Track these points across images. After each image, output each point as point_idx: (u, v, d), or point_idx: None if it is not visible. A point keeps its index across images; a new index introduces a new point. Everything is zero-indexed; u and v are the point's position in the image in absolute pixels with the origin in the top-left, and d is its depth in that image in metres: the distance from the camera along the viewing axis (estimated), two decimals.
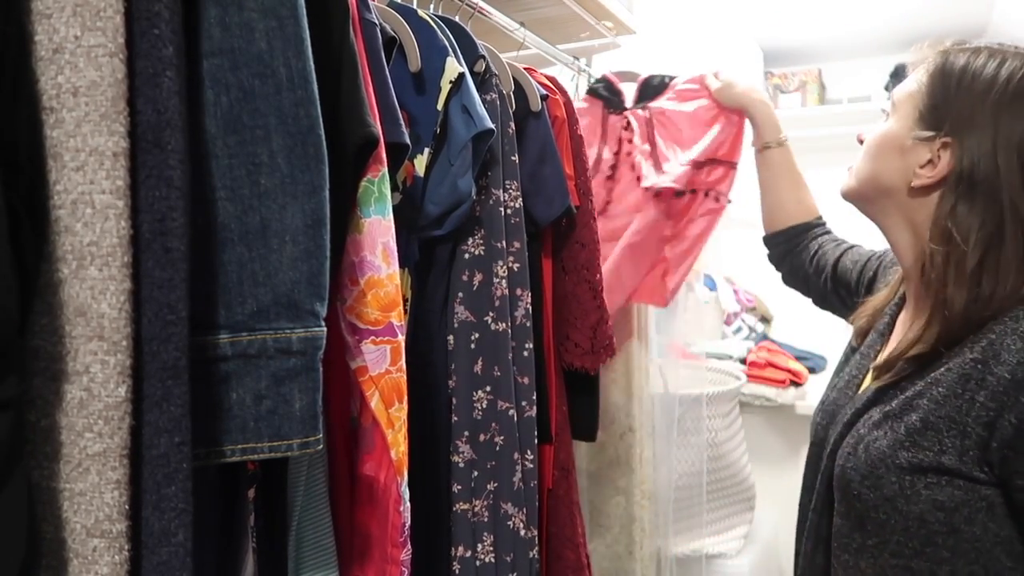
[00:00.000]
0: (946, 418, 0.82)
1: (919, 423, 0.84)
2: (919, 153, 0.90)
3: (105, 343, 0.55)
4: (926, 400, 0.84)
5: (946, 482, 0.82)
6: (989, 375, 0.80)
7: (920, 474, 0.83)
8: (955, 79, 0.89)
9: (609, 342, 1.30)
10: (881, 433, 0.87)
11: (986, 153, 0.85)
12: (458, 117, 0.99)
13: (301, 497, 0.79)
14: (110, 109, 0.55)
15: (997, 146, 0.84)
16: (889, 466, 0.85)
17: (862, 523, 0.88)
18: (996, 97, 0.86)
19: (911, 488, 0.83)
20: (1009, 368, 0.79)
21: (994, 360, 0.80)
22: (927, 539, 0.83)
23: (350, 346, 0.79)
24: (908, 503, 0.83)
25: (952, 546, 0.82)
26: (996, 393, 0.79)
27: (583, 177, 1.30)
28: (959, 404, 0.82)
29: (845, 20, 3.11)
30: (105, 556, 0.55)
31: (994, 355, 0.81)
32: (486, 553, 1.06)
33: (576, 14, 1.52)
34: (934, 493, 0.82)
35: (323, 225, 0.67)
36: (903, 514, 0.84)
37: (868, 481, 0.87)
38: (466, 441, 1.05)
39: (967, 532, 0.82)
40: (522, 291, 1.13)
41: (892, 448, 0.85)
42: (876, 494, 0.86)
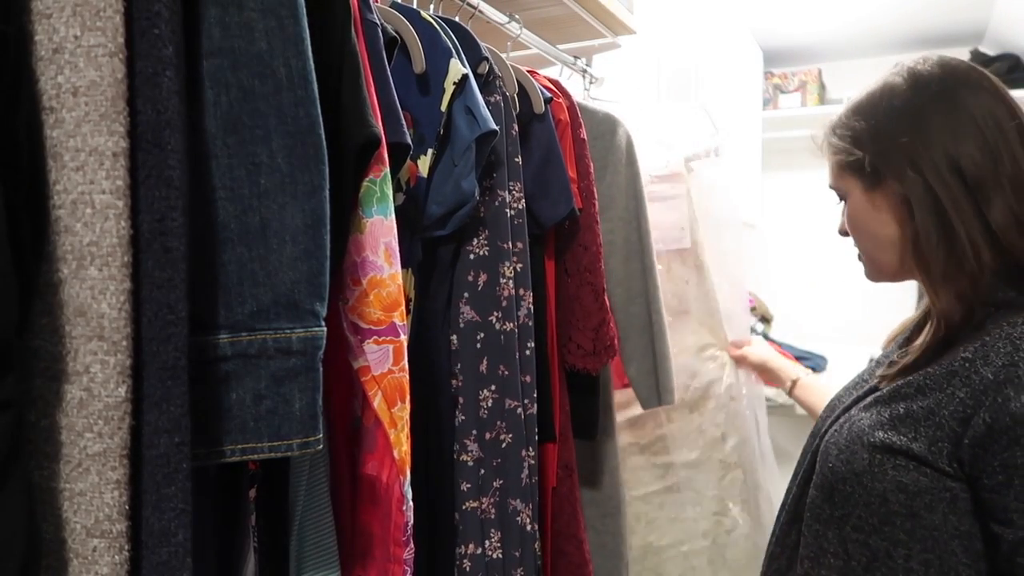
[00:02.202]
0: (926, 408, 0.84)
1: (902, 410, 0.87)
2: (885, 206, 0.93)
3: (105, 343, 0.55)
4: (913, 390, 0.87)
5: (913, 467, 0.84)
6: (974, 374, 0.82)
7: (890, 454, 0.85)
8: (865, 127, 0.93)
9: (611, 343, 1.30)
10: (867, 414, 0.90)
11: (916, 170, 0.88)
12: (462, 118, 1.00)
13: (303, 497, 0.78)
14: (110, 109, 0.55)
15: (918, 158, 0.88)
16: (864, 443, 0.88)
17: (832, 495, 0.91)
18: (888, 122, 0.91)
19: (879, 466, 0.86)
20: (993, 369, 0.81)
21: (982, 360, 0.82)
22: (886, 518, 0.86)
23: (352, 346, 0.79)
24: (873, 480, 0.86)
25: (909, 530, 0.85)
26: (976, 391, 0.81)
27: (586, 180, 1.30)
28: (940, 398, 0.84)
29: (845, 20, 3.11)
30: (105, 556, 0.55)
31: (983, 356, 0.82)
32: (494, 549, 1.06)
33: (576, 14, 1.52)
34: (899, 475, 0.85)
35: (323, 225, 0.67)
36: (867, 490, 0.87)
37: (843, 455, 0.90)
38: (473, 440, 1.05)
39: (926, 519, 0.84)
40: (524, 291, 1.14)
41: (871, 428, 0.88)
42: (847, 467, 0.89)
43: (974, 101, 0.88)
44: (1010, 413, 0.78)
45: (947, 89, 0.89)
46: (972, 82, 0.90)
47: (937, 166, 0.87)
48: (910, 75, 0.92)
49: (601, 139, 1.43)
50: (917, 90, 0.90)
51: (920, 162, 0.88)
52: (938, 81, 0.90)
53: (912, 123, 0.89)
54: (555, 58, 1.54)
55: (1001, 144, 0.86)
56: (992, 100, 0.89)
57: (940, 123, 0.88)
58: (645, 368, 1.48)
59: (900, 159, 0.89)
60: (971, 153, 0.86)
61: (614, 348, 1.31)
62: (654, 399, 1.49)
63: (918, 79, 0.91)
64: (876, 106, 0.93)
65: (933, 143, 0.87)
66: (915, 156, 0.88)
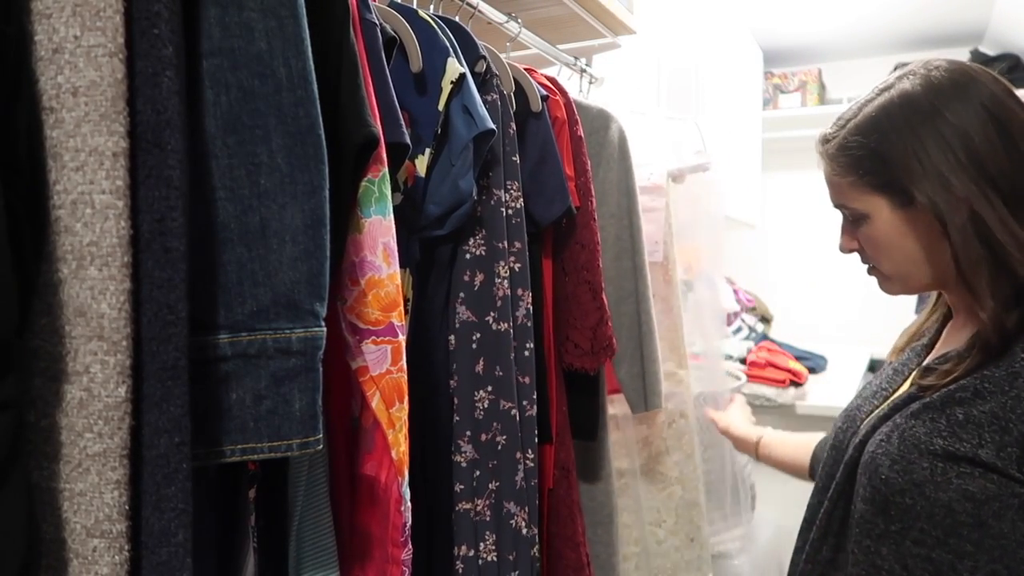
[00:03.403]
0: (989, 413, 0.81)
1: (961, 416, 0.83)
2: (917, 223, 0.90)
3: (105, 343, 0.55)
4: (971, 394, 0.83)
5: (979, 474, 0.80)
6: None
7: (953, 462, 0.82)
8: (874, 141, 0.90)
9: (608, 343, 1.30)
10: (919, 422, 0.86)
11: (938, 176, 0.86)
12: (459, 117, 0.99)
13: (302, 497, 0.78)
14: (110, 109, 0.55)
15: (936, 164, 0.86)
16: (922, 451, 0.84)
17: (886, 508, 0.86)
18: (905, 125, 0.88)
19: (942, 475, 0.82)
20: None
21: None
22: (951, 529, 0.82)
23: (351, 346, 0.79)
24: (937, 490, 0.82)
25: (977, 540, 0.81)
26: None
27: (583, 178, 1.30)
28: (1004, 400, 0.81)
29: (845, 20, 3.11)
30: (105, 556, 0.55)
31: None
32: (488, 552, 1.06)
33: (576, 14, 1.52)
34: (965, 483, 0.81)
35: (323, 225, 0.67)
36: (930, 500, 0.83)
37: (898, 466, 0.85)
38: (468, 440, 1.05)
39: (994, 528, 0.80)
40: (523, 291, 1.13)
41: (928, 435, 0.84)
42: (905, 478, 0.84)
43: (989, 96, 0.86)
44: None
45: (962, 90, 0.87)
46: (983, 79, 0.88)
47: (966, 172, 0.84)
48: (924, 81, 0.89)
49: (595, 135, 1.43)
50: (933, 96, 0.87)
51: (947, 172, 0.85)
52: (953, 84, 0.88)
53: (934, 133, 0.86)
54: (555, 58, 1.54)
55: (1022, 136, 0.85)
56: (1004, 94, 0.88)
57: (962, 127, 0.85)
58: (634, 371, 1.47)
59: (926, 172, 0.86)
60: (996, 151, 0.84)
61: (612, 347, 1.31)
62: (642, 403, 1.48)
63: (933, 85, 0.88)
64: (894, 119, 0.89)
65: (958, 149, 0.85)
66: (941, 166, 0.85)
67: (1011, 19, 2.97)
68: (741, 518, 2.16)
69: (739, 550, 2.12)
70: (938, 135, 0.86)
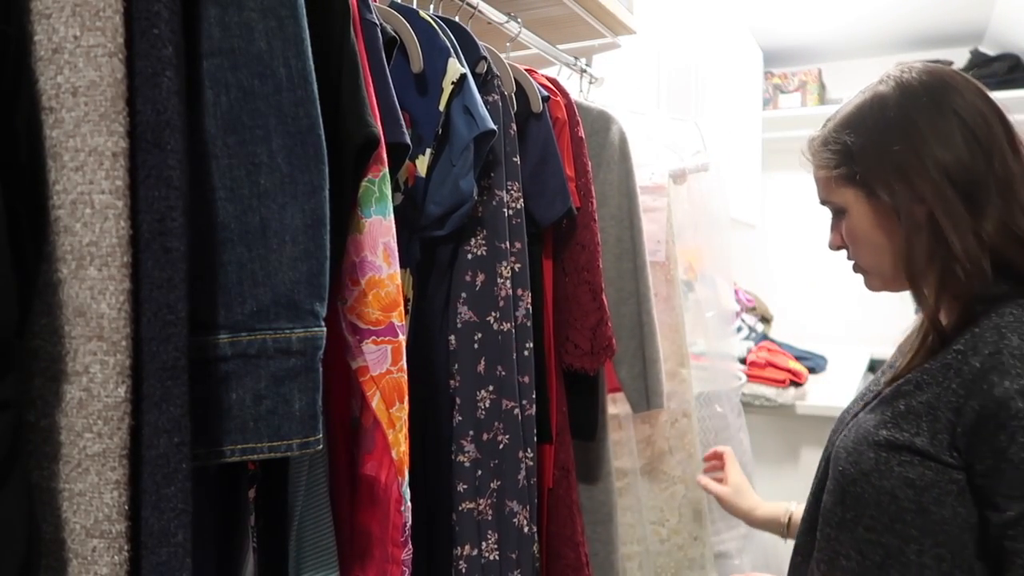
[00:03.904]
0: (925, 403, 0.86)
1: (903, 407, 0.88)
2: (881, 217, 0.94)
3: (104, 343, 0.55)
4: (913, 386, 0.89)
5: (918, 462, 0.85)
6: (964, 364, 0.84)
7: (895, 451, 0.87)
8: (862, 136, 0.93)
9: (608, 343, 1.30)
10: (872, 415, 0.92)
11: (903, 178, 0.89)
12: (460, 118, 0.99)
13: (302, 497, 0.78)
14: (109, 109, 0.55)
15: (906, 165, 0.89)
16: (870, 442, 0.89)
17: (843, 497, 0.92)
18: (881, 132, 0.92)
19: (886, 464, 0.87)
20: (981, 358, 0.83)
21: (972, 351, 0.84)
22: (897, 515, 0.87)
23: (351, 346, 0.79)
24: (882, 478, 0.87)
25: (920, 525, 0.86)
26: (966, 381, 0.83)
27: (583, 178, 1.30)
28: (937, 391, 0.86)
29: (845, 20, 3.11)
30: (105, 556, 0.55)
31: (973, 347, 0.85)
32: (491, 551, 1.06)
33: (576, 14, 1.52)
34: (906, 471, 0.86)
35: (323, 225, 0.67)
36: (876, 488, 0.88)
37: (851, 457, 0.91)
38: (470, 440, 1.05)
39: (936, 514, 0.85)
40: (523, 291, 1.13)
41: (876, 427, 0.90)
42: (856, 468, 0.90)
43: (963, 104, 0.89)
44: (995, 399, 0.80)
45: (935, 95, 0.90)
46: (959, 86, 0.91)
47: (929, 175, 0.87)
48: (897, 85, 0.92)
49: (595, 136, 1.43)
50: (907, 100, 0.91)
51: (910, 172, 0.89)
52: (926, 88, 0.91)
53: (902, 133, 0.90)
54: (555, 58, 1.54)
55: (993, 145, 0.87)
56: (980, 101, 0.90)
57: (930, 130, 0.88)
58: (636, 371, 1.47)
59: (892, 170, 0.90)
60: (962, 158, 0.87)
61: (612, 348, 1.31)
62: (643, 403, 1.48)
63: (905, 88, 0.92)
64: (866, 118, 0.93)
65: (924, 152, 0.88)
66: (906, 166, 0.89)
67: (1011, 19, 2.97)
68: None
69: (739, 550, 2.12)
70: (905, 136, 0.89)
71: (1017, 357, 0.81)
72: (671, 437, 1.76)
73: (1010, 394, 0.79)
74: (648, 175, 1.70)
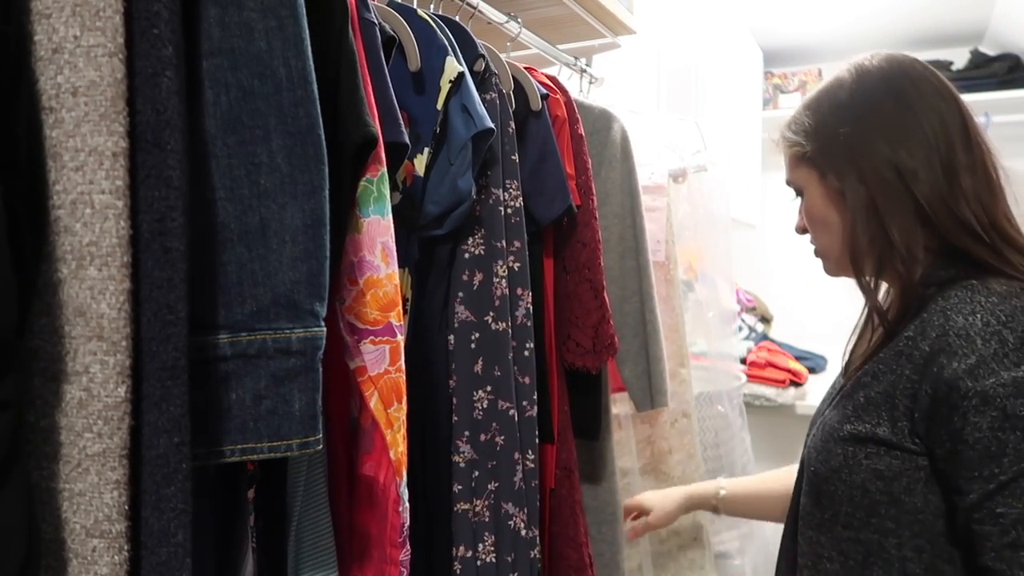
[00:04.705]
0: (883, 393, 0.86)
1: (863, 399, 0.88)
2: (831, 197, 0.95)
3: (104, 343, 0.55)
4: (870, 377, 0.89)
5: (884, 452, 0.85)
6: (915, 350, 0.84)
7: (860, 444, 0.87)
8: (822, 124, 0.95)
9: (610, 341, 1.29)
10: (835, 412, 0.92)
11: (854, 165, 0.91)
12: (458, 117, 0.99)
13: (301, 497, 0.78)
14: (109, 109, 0.55)
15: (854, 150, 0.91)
16: (836, 439, 0.89)
17: (819, 497, 0.91)
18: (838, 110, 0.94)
19: (853, 458, 0.87)
20: (929, 341, 0.83)
21: (920, 336, 0.85)
22: (871, 509, 0.86)
23: (349, 346, 0.79)
24: (851, 473, 0.87)
25: (895, 516, 0.85)
26: (918, 366, 0.83)
27: (584, 176, 1.30)
28: (892, 379, 0.86)
29: (845, 20, 3.11)
30: (104, 556, 0.55)
31: (921, 332, 0.85)
32: (487, 553, 1.06)
33: (576, 14, 1.51)
34: (873, 462, 0.86)
35: (322, 225, 0.67)
36: (848, 484, 0.87)
37: (821, 456, 0.91)
38: (467, 441, 1.05)
39: (908, 503, 0.84)
40: (523, 291, 1.13)
41: (839, 422, 0.90)
42: (826, 467, 0.90)
43: (915, 92, 0.90)
44: (945, 381, 0.80)
45: (890, 83, 0.91)
46: (916, 76, 0.91)
47: (873, 159, 0.89)
48: (856, 70, 0.94)
49: (597, 135, 1.43)
50: (861, 84, 0.92)
51: (856, 155, 0.90)
52: (881, 75, 0.92)
53: (853, 117, 0.91)
54: (555, 58, 1.54)
55: (941, 134, 0.88)
56: (935, 94, 0.90)
57: (880, 117, 0.90)
58: (640, 370, 1.47)
59: (840, 152, 0.92)
60: (907, 145, 0.88)
61: (614, 346, 1.30)
62: (647, 402, 1.48)
63: (863, 74, 0.93)
64: (823, 101, 0.95)
65: (870, 136, 0.89)
66: (853, 149, 0.90)
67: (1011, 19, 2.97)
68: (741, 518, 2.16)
69: (739, 550, 2.12)
70: (854, 119, 0.91)
71: (962, 337, 0.80)
72: (671, 437, 1.77)
73: (958, 375, 0.79)
74: (648, 175, 1.70)
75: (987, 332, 0.80)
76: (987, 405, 0.78)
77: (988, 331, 0.80)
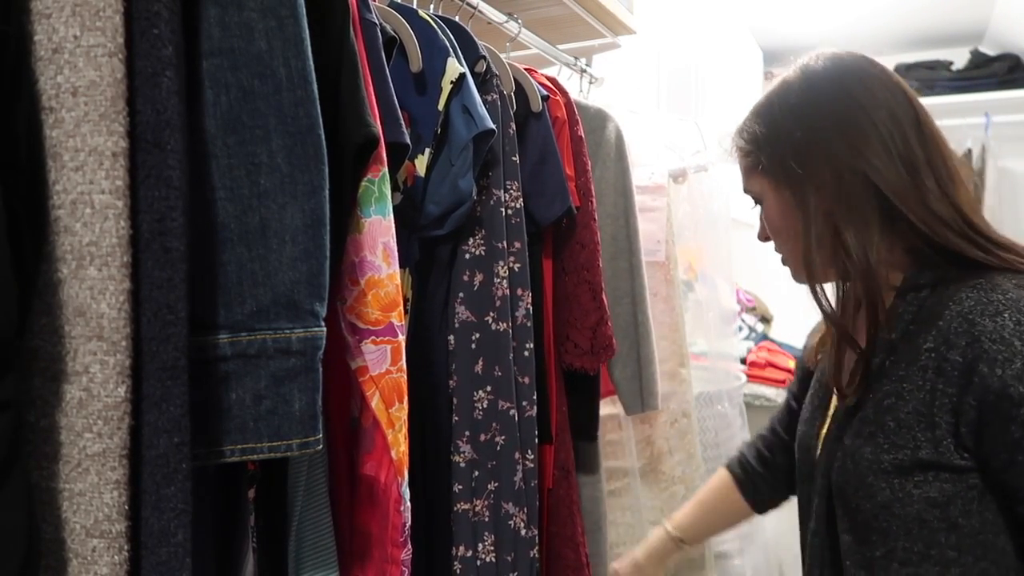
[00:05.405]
0: (914, 413, 0.81)
1: (893, 423, 0.83)
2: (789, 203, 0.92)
3: (104, 343, 0.55)
4: (894, 399, 0.83)
5: (932, 477, 0.80)
6: (944, 362, 0.79)
7: (906, 474, 0.81)
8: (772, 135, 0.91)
9: (608, 342, 1.29)
10: (862, 441, 0.86)
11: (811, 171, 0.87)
12: (459, 117, 0.99)
13: (301, 497, 0.78)
14: (109, 109, 0.55)
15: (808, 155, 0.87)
16: (876, 472, 0.83)
17: (867, 536, 0.85)
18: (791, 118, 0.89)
19: (902, 490, 0.81)
20: (960, 351, 0.78)
21: (946, 347, 0.80)
22: (930, 540, 0.81)
23: (350, 346, 0.79)
24: (903, 506, 0.82)
25: (955, 544, 0.80)
26: (953, 378, 0.79)
27: (583, 177, 1.30)
28: (923, 396, 0.81)
29: (845, 20, 3.11)
30: (104, 556, 0.55)
31: (945, 342, 0.80)
32: (487, 553, 1.06)
33: (576, 14, 1.52)
34: (924, 491, 0.81)
35: (323, 225, 0.67)
36: (901, 518, 0.82)
37: (862, 491, 0.85)
38: (467, 441, 1.05)
39: (966, 526, 0.80)
40: (523, 291, 1.13)
41: (875, 454, 0.84)
42: (872, 503, 0.84)
43: (863, 90, 0.86)
44: (992, 390, 0.76)
45: (839, 82, 0.88)
46: (863, 74, 0.88)
47: (831, 163, 0.85)
48: (803, 71, 0.90)
49: (592, 134, 1.43)
50: (809, 86, 0.89)
51: (808, 160, 0.86)
52: (828, 75, 0.88)
53: (805, 120, 0.87)
54: (555, 58, 1.54)
55: (895, 131, 0.84)
56: (884, 90, 0.87)
57: (833, 118, 0.86)
58: (629, 372, 1.46)
59: (794, 159, 0.87)
60: (866, 145, 0.84)
61: (612, 347, 1.31)
62: (638, 404, 1.47)
63: (811, 76, 0.89)
64: (772, 106, 0.91)
65: (826, 140, 0.85)
66: (808, 155, 0.86)
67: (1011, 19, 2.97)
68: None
69: (739, 550, 2.12)
70: (804, 123, 0.87)
71: (998, 341, 0.76)
72: (671, 437, 1.77)
73: (1007, 381, 0.75)
74: (648, 175, 1.70)
75: (1022, 331, 0.76)
76: None
77: (1022, 330, 0.76)
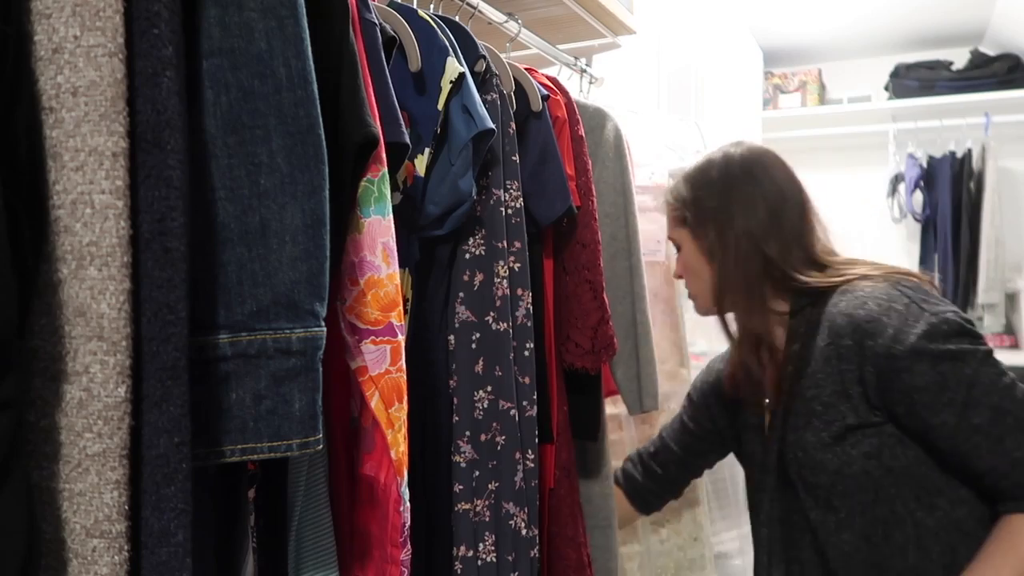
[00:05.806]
0: (833, 393, 1.07)
1: (820, 407, 1.08)
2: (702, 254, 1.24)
3: (104, 343, 0.55)
4: (815, 389, 1.09)
5: (862, 436, 1.04)
6: (840, 349, 1.06)
7: (843, 441, 1.05)
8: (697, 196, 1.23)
9: (610, 342, 1.29)
10: (802, 430, 1.10)
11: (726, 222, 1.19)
12: (459, 117, 0.99)
13: (301, 497, 0.79)
14: (109, 109, 0.55)
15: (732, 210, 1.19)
16: (821, 448, 1.07)
17: (830, 502, 1.07)
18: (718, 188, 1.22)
19: (844, 454, 1.05)
20: (848, 337, 1.05)
21: (838, 338, 1.06)
22: (877, 485, 1.03)
23: (350, 346, 0.79)
24: (849, 466, 1.05)
25: (894, 482, 1.03)
26: (851, 358, 1.05)
27: (584, 177, 1.30)
28: (835, 378, 1.06)
29: (845, 20, 3.11)
30: (104, 556, 0.55)
31: (836, 335, 1.06)
32: (488, 553, 1.06)
33: (576, 14, 1.52)
34: (860, 448, 1.04)
35: (323, 225, 0.67)
36: (852, 477, 1.05)
37: (816, 468, 1.08)
38: (467, 441, 1.05)
39: (897, 467, 1.03)
40: (523, 291, 1.13)
41: (816, 434, 1.08)
42: (827, 474, 1.07)
43: (765, 177, 1.18)
44: (881, 355, 1.01)
45: (747, 168, 1.19)
46: (768, 162, 1.20)
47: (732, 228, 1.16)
48: (723, 155, 1.22)
49: (591, 133, 1.42)
50: (726, 166, 1.21)
51: (720, 224, 1.18)
52: (742, 161, 1.20)
53: (717, 194, 1.20)
54: (555, 58, 1.54)
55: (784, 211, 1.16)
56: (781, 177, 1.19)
57: (737, 195, 1.17)
58: (631, 372, 1.45)
59: (708, 220, 1.20)
60: (757, 218, 1.15)
61: (613, 347, 1.30)
62: (637, 405, 1.47)
63: (728, 159, 1.21)
64: (698, 177, 1.23)
65: (730, 211, 1.17)
66: (717, 220, 1.18)
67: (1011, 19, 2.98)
68: (741, 518, 2.16)
69: (739, 550, 2.12)
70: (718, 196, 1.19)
71: (871, 321, 1.03)
72: None
73: (888, 345, 1.01)
74: (648, 175, 1.70)
75: (884, 311, 1.03)
76: (918, 355, 0.99)
77: (883, 309, 1.03)
